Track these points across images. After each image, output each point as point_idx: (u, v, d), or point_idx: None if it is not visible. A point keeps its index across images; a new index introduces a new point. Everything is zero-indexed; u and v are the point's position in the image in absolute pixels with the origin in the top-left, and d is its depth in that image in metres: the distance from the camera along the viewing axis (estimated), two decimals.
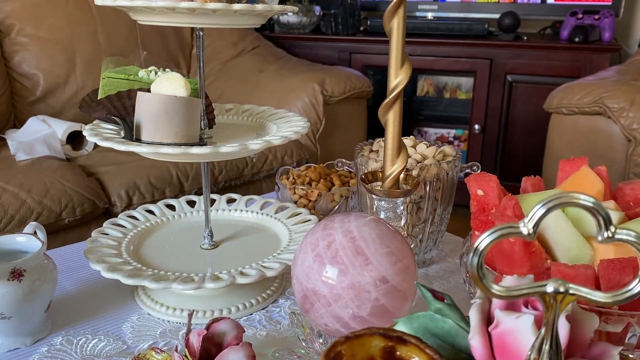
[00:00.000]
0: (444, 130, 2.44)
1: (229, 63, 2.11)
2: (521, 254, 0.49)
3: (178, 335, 0.65)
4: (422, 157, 0.79)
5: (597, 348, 0.34)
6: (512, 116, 2.20)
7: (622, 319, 0.46)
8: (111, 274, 0.64)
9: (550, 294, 0.28)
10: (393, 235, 0.56)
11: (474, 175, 0.58)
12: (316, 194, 0.89)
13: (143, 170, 1.43)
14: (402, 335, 0.34)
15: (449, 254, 0.87)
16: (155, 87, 0.65)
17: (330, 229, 0.55)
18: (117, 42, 1.87)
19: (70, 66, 1.78)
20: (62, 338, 0.64)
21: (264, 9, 0.61)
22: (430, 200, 0.77)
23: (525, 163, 2.19)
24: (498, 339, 0.34)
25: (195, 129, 0.65)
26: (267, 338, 0.65)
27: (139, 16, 0.63)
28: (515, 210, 0.53)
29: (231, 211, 0.86)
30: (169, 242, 0.77)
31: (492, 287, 0.28)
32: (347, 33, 2.36)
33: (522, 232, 0.27)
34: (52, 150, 1.48)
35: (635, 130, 1.53)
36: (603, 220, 0.26)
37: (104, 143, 0.62)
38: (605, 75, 1.70)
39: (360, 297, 0.52)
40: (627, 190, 0.61)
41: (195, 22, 0.61)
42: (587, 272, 0.47)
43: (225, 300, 0.69)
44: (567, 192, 0.27)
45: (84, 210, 1.31)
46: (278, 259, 0.69)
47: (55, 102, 1.76)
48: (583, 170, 0.61)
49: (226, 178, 1.56)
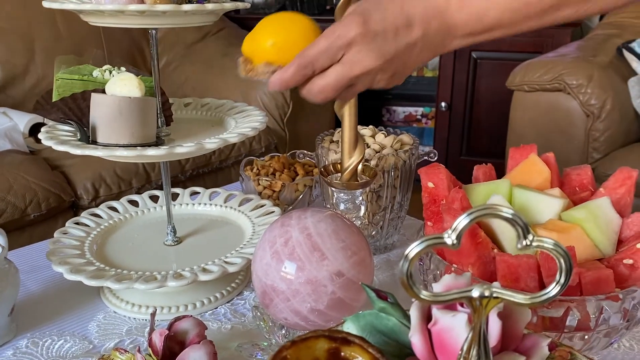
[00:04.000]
0: (411, 109, 2.46)
1: (193, 46, 2.08)
2: (468, 245, 0.52)
3: (144, 333, 0.66)
4: (380, 146, 0.80)
5: (529, 340, 0.37)
6: (477, 93, 2.23)
7: (562, 304, 0.49)
8: (74, 275, 0.64)
9: (476, 298, 0.30)
10: (349, 230, 0.58)
11: (424, 168, 0.60)
12: (280, 184, 0.90)
13: (108, 162, 1.42)
14: (347, 335, 0.36)
15: (410, 238, 0.90)
16: (109, 87, 0.65)
17: (288, 226, 0.57)
18: (79, 30, 1.83)
19: (30, 55, 1.74)
20: (27, 341, 0.64)
21: (214, 8, 0.62)
22: (390, 189, 0.79)
23: (491, 139, 2.24)
24: (437, 335, 0.36)
25: (152, 129, 0.66)
26: (232, 331, 0.66)
27: (90, 18, 0.63)
28: (463, 202, 0.55)
29: (195, 205, 0.86)
30: (133, 240, 0.77)
31: (421, 293, 0.30)
32: (312, 13, 2.35)
33: (447, 242, 0.28)
34: (14, 144, 1.46)
35: (593, 105, 1.57)
36: (521, 229, 0.28)
37: (60, 147, 0.62)
38: (565, 52, 1.74)
39: (318, 292, 0.54)
40: (574, 176, 0.64)
41: (146, 24, 0.61)
42: (529, 261, 0.50)
43: (190, 295, 0.70)
44: (490, 205, 0.29)
45: (50, 205, 1.31)
46: (240, 254, 0.70)
47: (15, 93, 1.72)
48: (531, 158, 0.63)
49: (194, 166, 1.56)
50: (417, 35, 0.49)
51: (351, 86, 0.52)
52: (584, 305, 0.48)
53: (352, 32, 0.49)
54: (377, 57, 0.49)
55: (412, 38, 0.49)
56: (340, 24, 0.50)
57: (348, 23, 0.49)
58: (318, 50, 0.50)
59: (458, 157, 2.32)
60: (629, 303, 0.49)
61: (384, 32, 0.49)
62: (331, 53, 0.50)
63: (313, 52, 0.50)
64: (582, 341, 0.51)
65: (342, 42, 0.49)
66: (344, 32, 0.49)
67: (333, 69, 0.50)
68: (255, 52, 0.56)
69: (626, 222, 0.55)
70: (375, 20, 0.49)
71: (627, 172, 0.58)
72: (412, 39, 0.49)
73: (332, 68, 0.50)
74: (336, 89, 0.51)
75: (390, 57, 0.50)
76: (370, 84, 0.52)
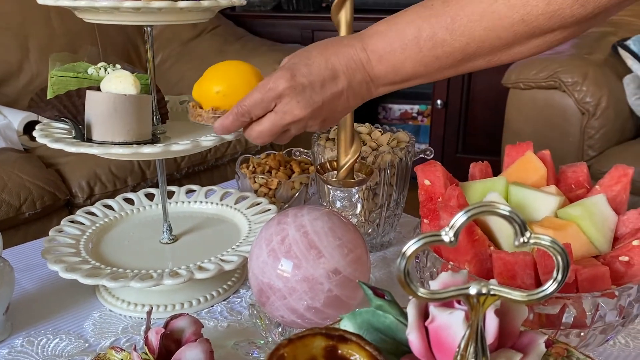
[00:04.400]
0: (407, 106, 2.46)
1: (189, 44, 2.08)
2: (465, 243, 0.52)
3: (140, 331, 0.66)
4: (376, 144, 0.80)
5: (526, 337, 0.37)
6: (473, 90, 2.23)
7: (558, 301, 0.49)
8: (69, 274, 0.64)
9: (473, 295, 0.30)
10: (345, 227, 0.58)
11: (421, 165, 0.60)
12: (276, 182, 0.90)
13: (103, 160, 1.41)
14: (344, 333, 0.36)
15: (407, 235, 0.90)
16: (104, 85, 0.65)
17: (284, 224, 0.57)
18: (73, 27, 1.82)
19: (24, 53, 1.74)
20: (22, 339, 0.64)
21: (210, 5, 0.61)
22: (386, 186, 0.79)
23: (487, 136, 2.24)
24: (434, 333, 0.36)
25: (147, 126, 0.65)
26: (228, 329, 0.66)
27: (84, 15, 0.62)
28: (459, 199, 0.55)
29: (190, 203, 0.86)
30: (128, 238, 0.77)
31: (418, 291, 0.30)
32: (308, 10, 2.35)
33: (444, 240, 0.28)
34: (9, 142, 1.45)
35: (588, 103, 1.57)
36: (519, 227, 0.28)
37: (54, 145, 0.61)
38: (561, 50, 1.74)
39: (314, 289, 0.54)
40: (570, 173, 0.64)
41: (141, 20, 0.60)
42: (526, 258, 0.50)
43: (187, 293, 0.70)
44: (487, 202, 0.29)
45: (45, 203, 1.30)
46: (237, 252, 0.70)
47: (9, 91, 1.72)
48: (527, 156, 0.63)
49: (189, 164, 1.56)
50: (343, 85, 0.54)
51: (286, 131, 0.57)
52: (580, 302, 0.49)
53: (281, 86, 0.53)
54: (305, 107, 0.53)
55: (338, 88, 0.54)
56: (271, 78, 0.54)
57: (278, 77, 0.53)
58: (253, 101, 0.55)
59: (454, 154, 2.32)
60: (625, 300, 0.49)
61: (310, 85, 0.53)
62: (264, 104, 0.54)
63: (248, 103, 0.55)
64: (578, 338, 0.51)
65: (273, 94, 0.54)
66: (274, 86, 0.53)
67: (267, 117, 0.55)
68: (203, 99, 0.62)
69: (622, 219, 0.56)
70: (302, 74, 0.53)
71: (622, 170, 0.58)
72: (338, 89, 0.54)
73: (267, 116, 0.55)
74: (272, 134, 0.56)
75: (318, 106, 0.54)
76: (303, 129, 0.57)
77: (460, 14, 0.49)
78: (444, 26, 0.49)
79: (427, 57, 0.51)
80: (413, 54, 0.51)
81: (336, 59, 0.53)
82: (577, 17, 0.46)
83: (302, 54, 0.55)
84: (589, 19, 0.47)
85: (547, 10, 0.46)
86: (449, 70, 0.53)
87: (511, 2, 0.47)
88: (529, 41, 0.49)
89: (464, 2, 0.49)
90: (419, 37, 0.50)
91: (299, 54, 0.55)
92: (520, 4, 0.46)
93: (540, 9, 0.46)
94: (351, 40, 0.54)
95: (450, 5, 0.49)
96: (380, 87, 0.55)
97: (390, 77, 0.53)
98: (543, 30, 0.48)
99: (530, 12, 0.46)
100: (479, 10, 0.48)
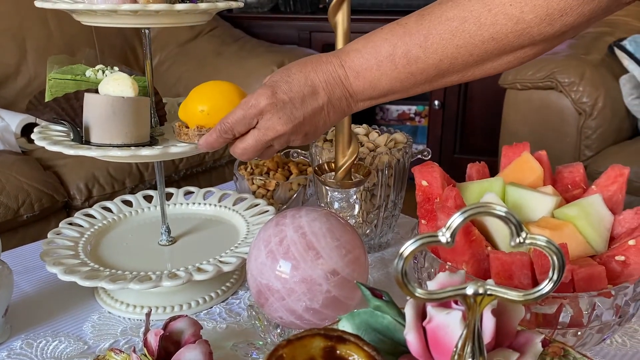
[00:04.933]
0: (405, 107, 2.47)
1: (186, 45, 2.08)
2: (462, 243, 0.52)
3: (139, 333, 0.66)
4: (374, 145, 0.80)
5: (523, 336, 0.37)
6: (470, 91, 2.24)
7: (555, 300, 0.49)
8: (68, 276, 0.64)
9: (471, 295, 0.30)
10: (343, 228, 0.58)
11: (418, 166, 0.60)
12: (274, 183, 0.90)
13: (101, 162, 1.42)
14: (342, 334, 0.36)
15: (405, 236, 0.90)
16: (102, 87, 0.65)
17: (282, 225, 0.57)
18: (70, 29, 1.82)
19: (21, 55, 1.73)
20: (21, 342, 0.64)
21: (207, 7, 0.62)
22: (383, 187, 0.80)
23: (484, 137, 2.24)
24: (432, 333, 0.36)
25: (145, 128, 0.66)
26: (227, 330, 0.66)
27: (82, 18, 0.62)
28: (456, 200, 0.55)
29: (189, 205, 0.86)
30: (127, 240, 0.77)
31: (416, 291, 0.30)
32: (306, 11, 2.35)
33: (441, 240, 0.29)
34: (7, 145, 1.45)
35: (585, 103, 1.58)
36: (514, 227, 0.29)
37: (52, 147, 0.62)
38: (557, 50, 1.74)
39: (313, 290, 0.54)
40: (566, 174, 0.64)
41: (139, 23, 0.61)
42: (522, 258, 0.50)
43: (185, 295, 0.70)
44: (483, 203, 0.29)
45: (43, 206, 1.30)
46: (235, 253, 0.70)
47: (7, 93, 1.71)
48: (524, 157, 0.63)
49: (187, 166, 1.56)
50: (323, 100, 0.56)
51: (270, 147, 0.59)
52: (577, 301, 0.49)
53: (262, 103, 0.55)
54: (286, 122, 0.55)
55: (318, 103, 0.56)
56: (253, 95, 0.56)
57: (259, 95, 0.55)
58: (235, 118, 0.56)
59: (451, 154, 2.33)
60: (621, 299, 0.50)
61: (291, 101, 0.55)
62: (247, 120, 0.56)
63: (231, 120, 0.57)
64: (575, 337, 0.51)
65: (254, 111, 0.55)
66: (256, 103, 0.55)
67: (251, 133, 0.57)
68: (189, 118, 0.64)
69: (618, 219, 0.56)
70: (282, 90, 0.55)
71: (618, 170, 0.58)
72: (318, 104, 0.56)
73: (250, 133, 0.57)
74: (256, 150, 0.58)
75: (299, 121, 0.56)
76: (286, 143, 0.58)
77: (433, 32, 0.50)
78: (418, 44, 0.51)
79: (402, 74, 0.53)
80: (388, 70, 0.53)
81: (315, 75, 0.55)
82: (545, 35, 0.48)
83: (283, 72, 0.56)
84: (557, 36, 0.49)
85: (515, 29, 0.48)
86: (424, 86, 0.55)
87: (481, 21, 0.48)
88: (500, 57, 0.51)
89: (436, 21, 0.50)
90: (394, 55, 0.52)
91: (279, 72, 0.57)
92: (489, 22, 0.48)
93: (509, 27, 0.48)
94: (329, 57, 0.56)
95: (424, 24, 0.51)
96: (359, 102, 0.57)
97: (368, 92, 0.55)
98: (513, 47, 0.50)
99: (500, 31, 0.48)
100: (451, 29, 0.50)
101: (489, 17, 0.48)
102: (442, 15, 0.50)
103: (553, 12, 0.46)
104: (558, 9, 0.46)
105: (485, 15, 0.48)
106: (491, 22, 0.48)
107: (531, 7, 0.46)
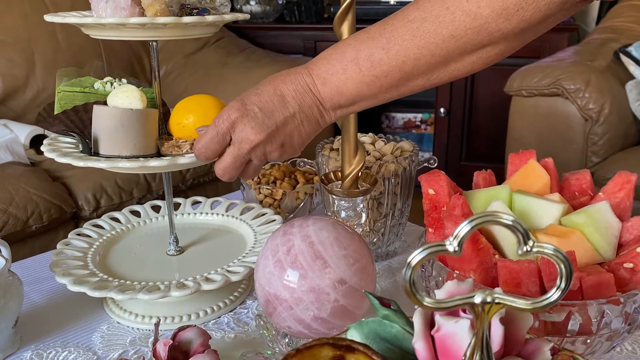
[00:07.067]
0: (410, 115, 2.47)
1: (192, 56, 2.10)
2: (469, 251, 0.52)
3: (148, 343, 0.66)
4: (380, 154, 0.81)
5: (532, 345, 0.37)
6: (476, 98, 2.24)
7: (563, 308, 0.49)
8: (77, 287, 0.65)
9: (479, 304, 0.30)
10: (351, 237, 0.58)
11: (425, 175, 0.60)
12: (281, 192, 0.90)
13: (109, 173, 1.43)
14: (351, 343, 0.36)
15: (412, 245, 0.90)
16: (111, 99, 0.65)
17: (290, 234, 0.57)
18: (77, 41, 1.84)
19: (30, 67, 1.75)
20: (31, 352, 0.65)
21: (214, 20, 0.62)
22: (390, 196, 0.80)
23: (490, 144, 2.24)
24: (440, 342, 0.36)
25: (154, 139, 0.66)
26: (235, 340, 0.67)
27: (91, 31, 0.63)
28: (463, 208, 0.55)
29: (196, 214, 0.87)
30: (135, 250, 0.78)
31: (424, 300, 0.30)
32: (311, 21, 2.37)
33: (449, 249, 0.29)
34: (15, 156, 1.46)
35: (591, 110, 1.58)
36: (522, 235, 0.29)
37: (62, 159, 0.62)
38: (563, 57, 1.74)
39: (320, 300, 0.54)
40: (573, 181, 0.64)
41: (147, 36, 0.61)
42: (530, 266, 0.50)
43: (194, 305, 0.70)
44: (490, 212, 0.29)
45: (51, 216, 1.31)
46: (243, 263, 0.70)
47: (16, 105, 1.73)
48: (530, 164, 0.63)
49: (194, 176, 1.57)
50: (294, 108, 0.56)
51: (249, 162, 0.59)
52: (586, 309, 0.49)
53: (233, 115, 0.56)
54: (259, 131, 0.56)
55: (289, 112, 0.56)
56: (223, 110, 0.57)
57: (229, 108, 0.57)
58: (209, 137, 0.57)
59: (458, 162, 2.33)
60: (630, 307, 0.50)
61: (261, 110, 0.56)
62: (220, 137, 0.57)
63: (204, 141, 0.58)
64: (585, 345, 0.51)
65: (226, 124, 0.56)
66: (226, 116, 0.56)
67: (227, 151, 0.58)
68: (173, 131, 0.67)
69: (626, 226, 0.56)
70: (252, 101, 0.56)
71: (626, 176, 0.58)
72: (289, 112, 0.56)
73: (226, 151, 0.58)
74: (236, 168, 0.59)
75: (272, 130, 0.56)
76: (264, 156, 0.59)
77: (394, 34, 0.52)
78: (380, 46, 0.52)
79: (367, 77, 0.54)
80: (354, 74, 0.54)
81: (284, 85, 0.56)
82: (504, 32, 0.49)
83: (253, 86, 0.58)
84: (516, 34, 0.49)
85: (473, 25, 0.49)
86: (392, 91, 0.55)
87: (440, 19, 0.49)
88: (463, 58, 0.52)
89: (398, 24, 0.52)
90: (358, 58, 0.53)
91: (250, 88, 0.58)
92: (448, 20, 0.49)
93: (467, 24, 0.49)
94: (299, 68, 0.57)
95: (386, 28, 0.53)
96: (331, 111, 0.58)
97: (336, 99, 0.56)
98: (474, 45, 0.50)
99: (458, 27, 0.49)
100: (412, 29, 0.51)
101: (447, 15, 0.49)
102: (403, 19, 0.52)
103: (509, 7, 0.47)
104: (514, 2, 0.46)
105: (444, 13, 0.49)
106: (450, 20, 0.49)
107: (487, 2, 0.47)
